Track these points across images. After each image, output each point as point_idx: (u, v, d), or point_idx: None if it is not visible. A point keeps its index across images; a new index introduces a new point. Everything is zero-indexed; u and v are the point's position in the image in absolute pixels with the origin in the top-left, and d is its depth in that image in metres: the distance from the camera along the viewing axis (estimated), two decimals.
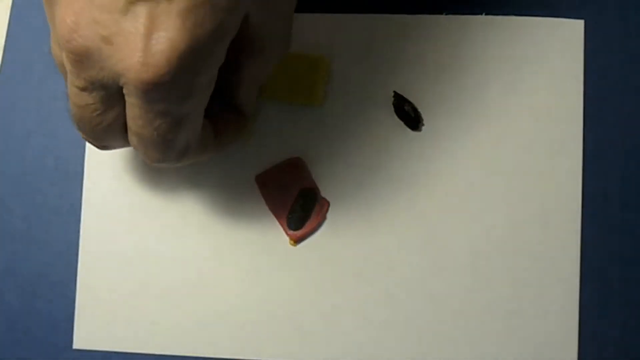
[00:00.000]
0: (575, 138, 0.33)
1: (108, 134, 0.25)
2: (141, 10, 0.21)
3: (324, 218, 0.33)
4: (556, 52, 0.33)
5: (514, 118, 0.33)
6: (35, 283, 0.33)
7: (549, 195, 0.32)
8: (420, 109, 0.33)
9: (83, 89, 0.23)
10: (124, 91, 0.23)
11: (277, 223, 0.33)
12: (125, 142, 0.26)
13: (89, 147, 0.33)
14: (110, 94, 0.23)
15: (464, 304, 0.32)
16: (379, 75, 0.33)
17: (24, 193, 0.33)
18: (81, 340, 0.33)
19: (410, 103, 0.33)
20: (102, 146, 0.27)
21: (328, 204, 0.33)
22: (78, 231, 0.33)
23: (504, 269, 0.32)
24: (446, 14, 0.33)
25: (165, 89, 0.22)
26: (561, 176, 0.33)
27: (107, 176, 0.33)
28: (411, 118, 0.33)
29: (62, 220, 0.33)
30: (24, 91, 0.34)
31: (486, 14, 0.33)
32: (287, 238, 0.33)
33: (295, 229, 0.32)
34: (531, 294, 0.32)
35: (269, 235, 0.33)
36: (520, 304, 0.32)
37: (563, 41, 0.33)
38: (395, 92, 0.33)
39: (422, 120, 0.33)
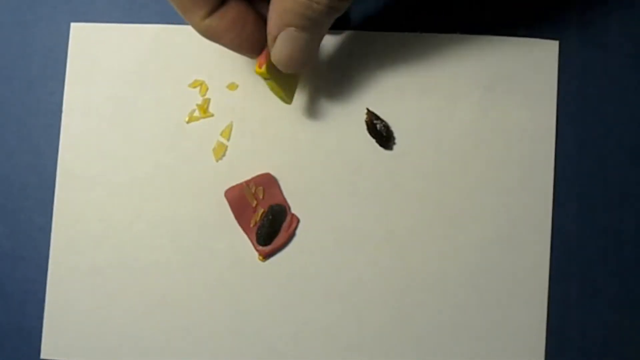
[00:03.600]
0: (547, 158, 0.33)
1: None
2: None
3: (293, 234, 0.33)
4: (530, 72, 0.33)
5: (487, 137, 0.33)
6: (12, 298, 0.33)
7: (520, 215, 0.32)
8: (392, 127, 0.33)
9: None
10: None
11: (246, 238, 0.33)
12: None
13: (61, 156, 0.33)
14: None
15: (433, 321, 0.32)
16: (352, 92, 0.33)
17: (6, 211, 0.34)
18: (49, 350, 0.33)
19: (382, 121, 0.33)
20: None
21: (297, 220, 0.33)
22: (49, 241, 0.33)
23: (472, 287, 0.32)
24: (421, 32, 0.33)
25: None
26: (532, 195, 0.32)
27: (79, 188, 0.33)
28: (383, 136, 0.33)
29: (42, 235, 0.33)
30: (6, 108, 0.34)
31: (461, 33, 0.33)
32: (256, 253, 0.33)
33: (264, 244, 0.32)
34: (499, 314, 0.32)
35: (238, 250, 0.33)
36: (489, 324, 0.32)
37: (537, 61, 0.33)
38: (368, 109, 0.33)
39: (394, 138, 0.33)
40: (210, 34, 0.28)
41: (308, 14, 0.27)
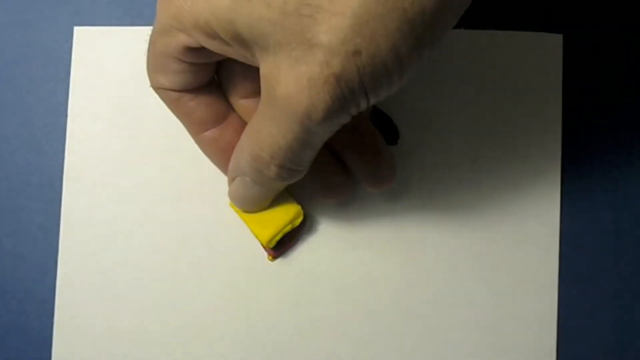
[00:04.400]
0: (553, 153, 0.33)
1: None
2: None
3: (302, 234, 0.33)
4: (535, 66, 0.33)
5: (492, 133, 0.33)
6: (14, 297, 0.33)
7: (528, 212, 0.32)
8: (398, 123, 0.33)
9: None
10: None
11: (254, 237, 0.33)
12: None
13: (67, 161, 0.33)
14: None
15: (443, 320, 0.32)
16: None
17: (8, 209, 0.33)
18: (60, 355, 0.32)
19: (388, 117, 0.33)
20: None
21: (307, 219, 0.33)
22: (52, 242, 0.33)
23: (482, 284, 0.32)
24: None
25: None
26: (540, 192, 0.32)
27: (86, 191, 0.33)
28: (389, 132, 0.33)
29: (43, 234, 0.33)
30: (9, 107, 0.34)
31: (465, 28, 0.33)
32: (265, 253, 0.33)
33: None
34: (509, 310, 0.32)
35: (247, 251, 0.33)
36: (499, 320, 0.32)
37: (542, 55, 0.33)
38: (373, 105, 0.33)
39: (399, 134, 0.33)
40: (206, 147, 0.29)
41: (259, 178, 0.26)
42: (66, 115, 0.33)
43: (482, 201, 0.32)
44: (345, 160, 0.29)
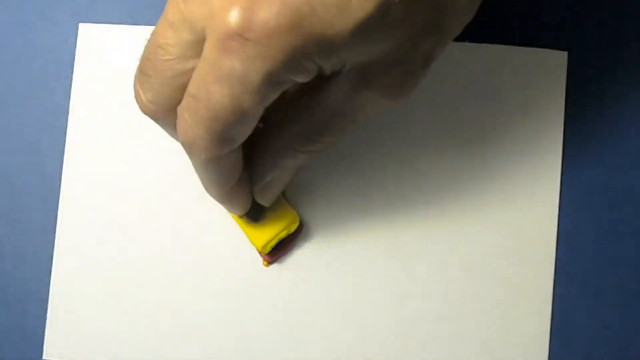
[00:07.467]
0: (553, 170, 0.33)
1: (168, 86, 0.24)
2: None
3: (297, 240, 0.33)
4: (538, 82, 0.33)
5: (492, 148, 0.33)
6: (13, 297, 0.33)
7: (525, 226, 0.32)
8: (397, 136, 0.33)
9: (171, 25, 0.23)
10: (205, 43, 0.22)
11: (250, 242, 0.33)
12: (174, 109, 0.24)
13: (67, 160, 0.33)
14: (193, 41, 0.23)
15: (436, 332, 0.32)
16: None
17: (8, 209, 0.34)
18: (51, 350, 0.33)
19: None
20: (155, 111, 0.25)
21: (302, 225, 0.33)
22: (51, 241, 0.33)
23: (477, 298, 0.32)
24: None
25: (244, 46, 0.21)
26: (537, 207, 0.32)
27: (84, 190, 0.33)
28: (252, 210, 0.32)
29: (42, 234, 0.33)
30: (9, 107, 0.34)
31: (469, 42, 0.33)
32: (260, 258, 0.33)
33: None
34: (503, 324, 0.32)
35: (242, 255, 0.33)
36: (492, 334, 0.32)
37: (546, 72, 0.33)
38: None
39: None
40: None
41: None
42: (66, 115, 0.34)
43: (479, 216, 0.32)
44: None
